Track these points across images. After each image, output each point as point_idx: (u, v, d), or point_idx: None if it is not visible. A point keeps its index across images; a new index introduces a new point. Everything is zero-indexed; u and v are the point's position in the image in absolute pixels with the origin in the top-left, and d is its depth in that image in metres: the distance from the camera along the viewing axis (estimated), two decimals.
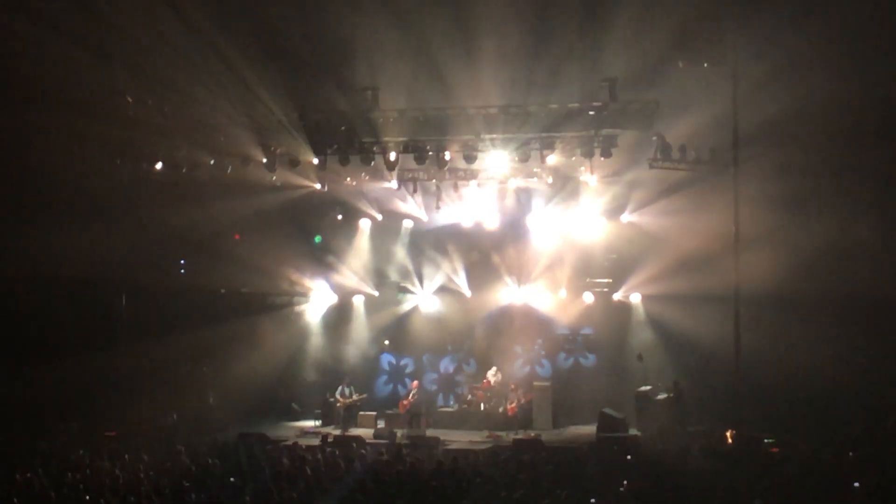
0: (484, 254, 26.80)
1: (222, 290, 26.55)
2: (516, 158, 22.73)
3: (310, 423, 25.26)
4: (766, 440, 19.28)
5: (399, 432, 23.13)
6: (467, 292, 26.90)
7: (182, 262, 26.50)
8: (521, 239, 26.39)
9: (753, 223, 21.61)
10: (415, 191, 25.96)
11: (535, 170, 24.37)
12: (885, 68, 20.15)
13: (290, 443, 21.15)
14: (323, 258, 27.27)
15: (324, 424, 24.95)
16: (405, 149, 22.88)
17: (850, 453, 16.31)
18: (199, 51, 21.74)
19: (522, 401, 24.72)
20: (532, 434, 23.17)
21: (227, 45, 21.99)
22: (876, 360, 21.12)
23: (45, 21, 19.60)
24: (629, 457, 18.58)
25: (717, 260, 22.05)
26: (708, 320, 22.46)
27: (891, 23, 19.93)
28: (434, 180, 25.27)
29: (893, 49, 19.97)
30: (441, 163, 23.30)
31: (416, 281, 27.13)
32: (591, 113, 21.20)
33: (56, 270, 22.30)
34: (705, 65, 21.50)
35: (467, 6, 22.45)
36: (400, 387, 27.14)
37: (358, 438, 21.74)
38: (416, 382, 25.60)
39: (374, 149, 22.93)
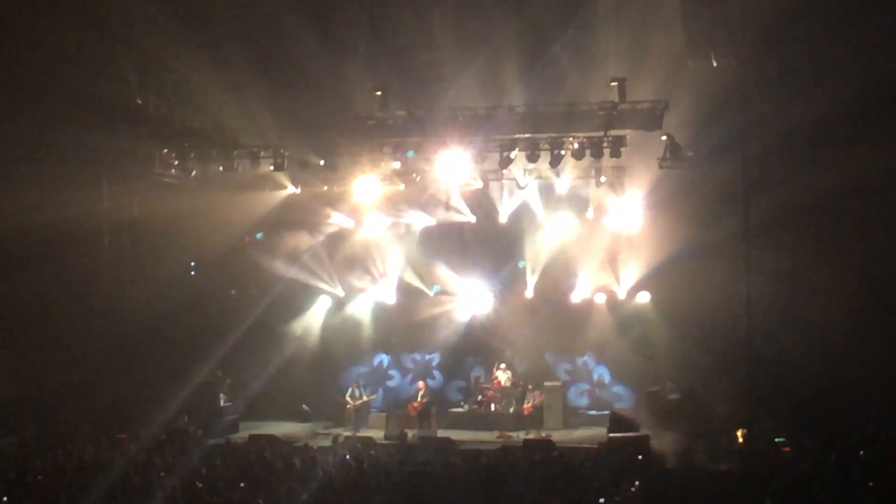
0: (492, 253, 26.63)
1: (232, 292, 26.60)
2: (526, 159, 22.69)
3: (320, 425, 25.23)
4: (777, 440, 19.20)
5: (410, 433, 23.16)
6: (476, 293, 26.73)
7: (192, 263, 26.50)
8: (528, 238, 26.23)
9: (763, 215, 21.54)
10: (422, 192, 25.92)
11: (544, 170, 24.26)
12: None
13: (301, 444, 21.19)
14: (333, 259, 27.16)
15: (334, 426, 24.92)
16: (414, 150, 22.89)
17: (861, 452, 16.21)
18: (209, 54, 21.91)
19: (537, 401, 24.66)
20: (543, 434, 23.14)
21: (236, 48, 22.14)
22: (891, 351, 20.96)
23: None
24: (640, 457, 18.55)
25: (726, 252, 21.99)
26: (719, 316, 22.38)
27: None
28: (441, 181, 25.13)
29: None
30: (449, 164, 23.23)
31: (422, 283, 26.91)
32: (601, 113, 21.16)
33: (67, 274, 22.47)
34: (714, 64, 21.48)
35: (475, 7, 22.52)
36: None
37: (369, 439, 21.80)
38: (422, 383, 25.48)
39: (382, 150, 22.95)
